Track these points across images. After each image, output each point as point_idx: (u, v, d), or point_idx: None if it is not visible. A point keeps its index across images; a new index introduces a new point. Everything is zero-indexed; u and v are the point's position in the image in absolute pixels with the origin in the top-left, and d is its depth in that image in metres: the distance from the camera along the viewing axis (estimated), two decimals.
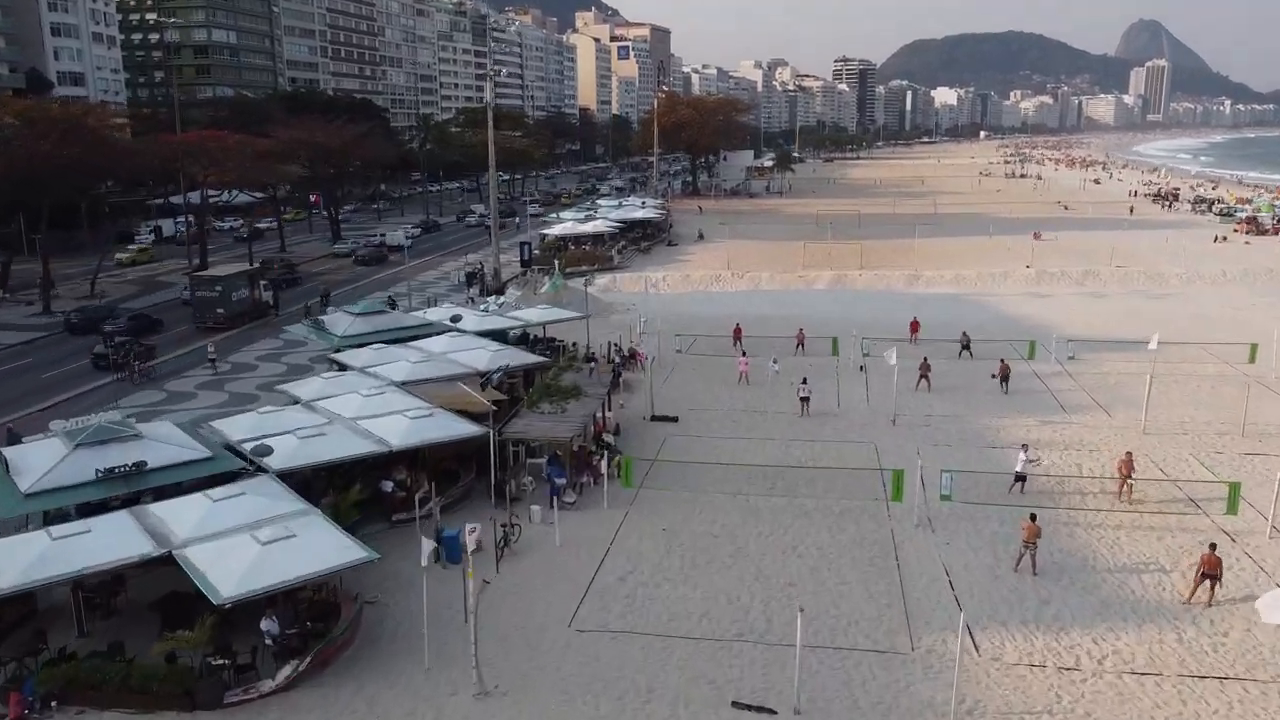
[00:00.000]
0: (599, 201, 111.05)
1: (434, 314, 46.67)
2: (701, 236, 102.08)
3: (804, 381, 39.84)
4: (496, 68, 69.90)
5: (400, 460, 29.24)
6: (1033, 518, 24.70)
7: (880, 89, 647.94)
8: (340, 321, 42.75)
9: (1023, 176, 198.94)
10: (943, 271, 76.94)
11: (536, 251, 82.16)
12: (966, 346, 47.79)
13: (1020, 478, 29.73)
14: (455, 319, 43.53)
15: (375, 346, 39.00)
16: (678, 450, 34.59)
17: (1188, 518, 28.02)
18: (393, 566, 24.22)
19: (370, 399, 31.43)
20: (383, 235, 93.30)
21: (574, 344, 48.91)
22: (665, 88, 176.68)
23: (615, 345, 47.70)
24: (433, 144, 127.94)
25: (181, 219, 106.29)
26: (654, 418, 38.16)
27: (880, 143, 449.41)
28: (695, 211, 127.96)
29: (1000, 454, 33.41)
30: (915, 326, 51.47)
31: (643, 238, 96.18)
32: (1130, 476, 28.97)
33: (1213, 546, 23.22)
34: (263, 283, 60.55)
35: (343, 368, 37.41)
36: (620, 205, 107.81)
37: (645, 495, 30.00)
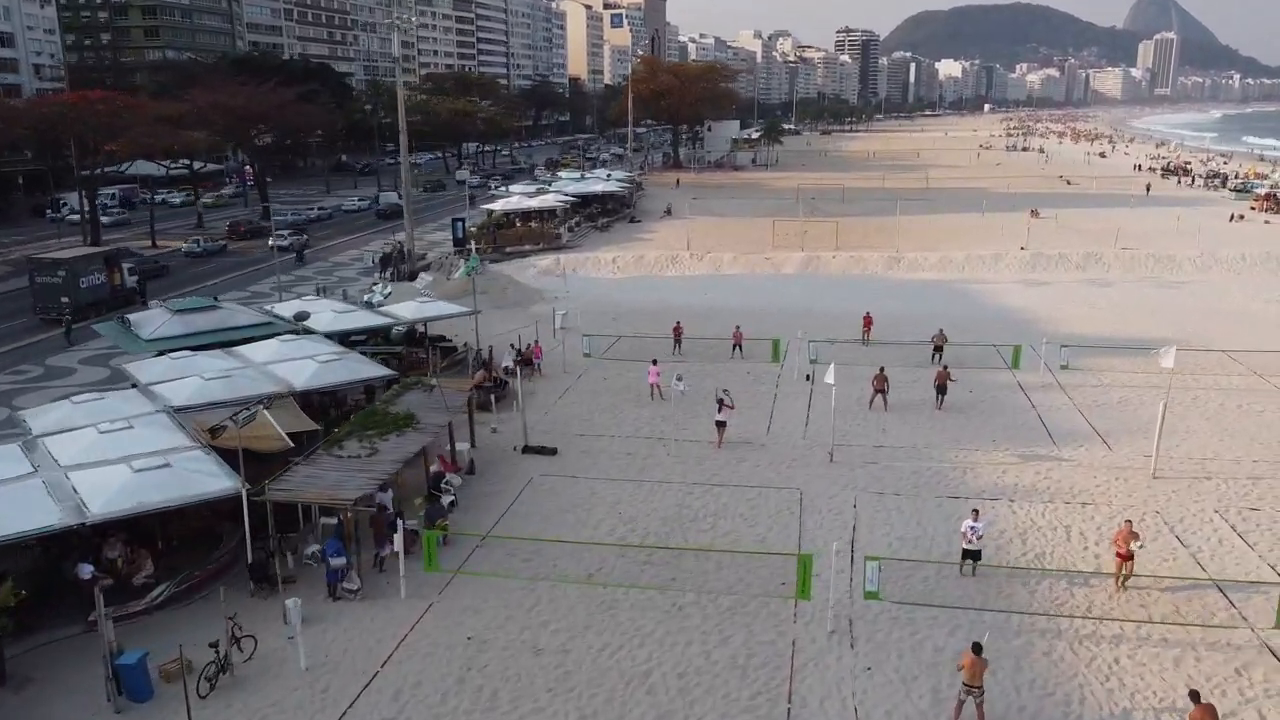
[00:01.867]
0: (560, 174, 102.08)
1: (286, 309, 38.26)
2: (669, 212, 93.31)
3: (720, 401, 31.49)
4: (406, 17, 59.68)
5: (117, 530, 21.03)
6: (976, 649, 16.43)
7: (883, 61, 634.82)
8: (151, 321, 34.39)
9: (1025, 150, 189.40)
10: (927, 254, 68.26)
11: (473, 229, 73.53)
12: (939, 350, 39.36)
13: (970, 554, 21.51)
14: (300, 316, 35.13)
15: (178, 355, 30.65)
16: (541, 499, 26.33)
17: (1217, 630, 19.63)
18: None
19: (107, 436, 23.16)
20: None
21: (464, 345, 40.59)
22: (641, 53, 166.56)
23: (514, 346, 39.31)
24: (386, 111, 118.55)
25: (112, 191, 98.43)
26: (527, 449, 29.84)
27: (881, 115, 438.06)
28: (672, 185, 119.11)
29: (965, 508, 25.12)
30: (868, 322, 43.00)
31: (602, 214, 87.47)
32: (1130, 556, 20.65)
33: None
34: (126, 266, 52.11)
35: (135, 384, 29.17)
36: (583, 178, 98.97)
37: (463, 579, 21.72)
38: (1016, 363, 37.64)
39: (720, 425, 31.01)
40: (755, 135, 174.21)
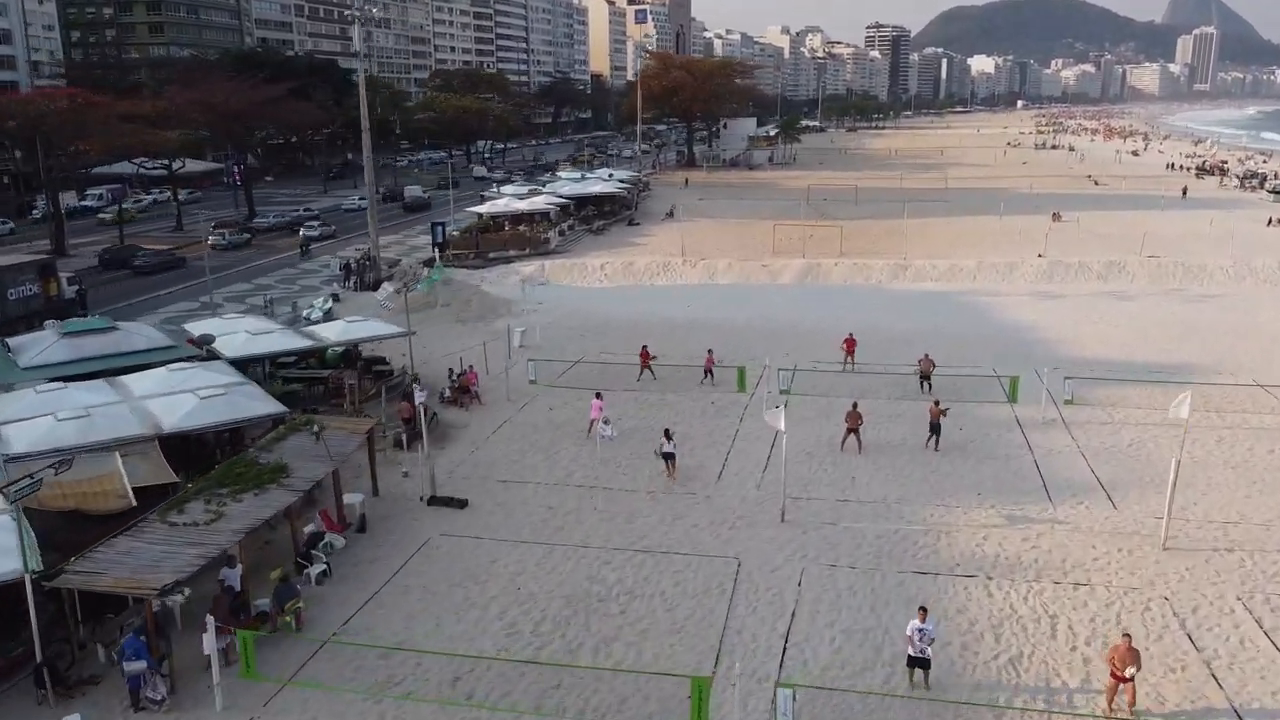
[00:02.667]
0: (559, 174, 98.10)
1: (200, 328, 34.51)
2: (671, 214, 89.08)
3: (668, 435, 27.50)
4: (366, 8, 55.76)
5: None
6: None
7: (914, 57, 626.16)
8: (36, 344, 30.76)
9: (1054, 148, 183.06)
10: (936, 261, 63.59)
11: (455, 234, 69.71)
12: (926, 378, 34.95)
13: (918, 663, 17.29)
14: (205, 340, 31.42)
15: (46, 388, 26.96)
16: (431, 568, 22.33)
17: None
18: None
19: None
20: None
21: (402, 368, 36.66)
22: (649, 49, 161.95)
23: (451, 371, 35.32)
24: (384, 108, 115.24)
25: (100, 190, 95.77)
26: (434, 500, 25.85)
27: (910, 112, 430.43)
28: (680, 185, 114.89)
29: (931, 588, 20.87)
30: (851, 345, 38.56)
31: (598, 216, 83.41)
32: (1129, 678, 16.31)
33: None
34: (65, 276, 48.73)
35: None
36: (583, 178, 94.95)
37: (295, 689, 17.72)
38: (1015, 395, 33.08)
39: (669, 458, 27.10)
40: (772, 133, 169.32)
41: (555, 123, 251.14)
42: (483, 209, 72.52)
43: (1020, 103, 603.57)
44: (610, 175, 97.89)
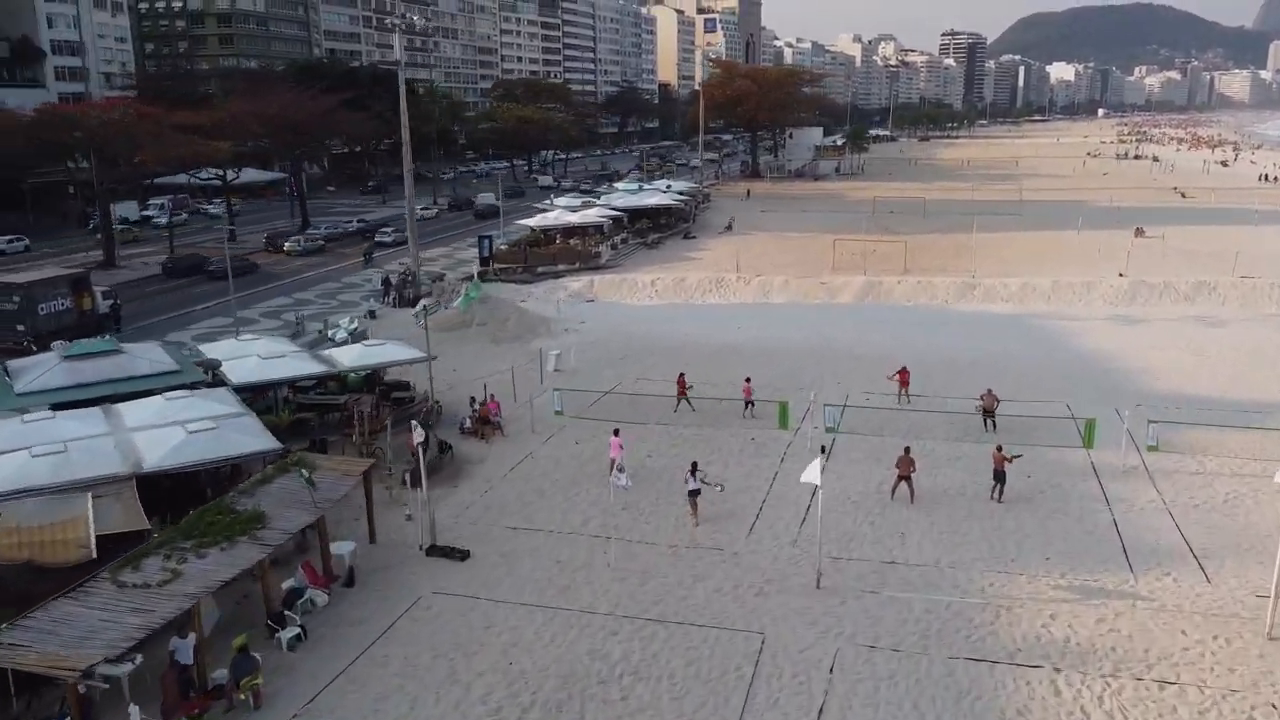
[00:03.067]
0: (616, 185, 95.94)
1: (220, 349, 32.82)
2: (730, 228, 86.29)
3: (694, 466, 24.98)
4: (408, 17, 54.41)
5: None
6: None
7: (990, 64, 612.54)
8: (35, 368, 29.28)
9: (1137, 158, 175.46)
10: (1008, 280, 59.72)
11: (503, 247, 67.84)
12: (990, 415, 31.64)
13: None
14: (211, 366, 29.69)
15: (34, 416, 25.36)
16: (418, 634, 19.90)
17: None
18: None
19: None
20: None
21: (424, 395, 34.51)
22: (712, 58, 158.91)
23: (473, 400, 33.05)
24: (444, 119, 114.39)
25: (163, 201, 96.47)
26: (433, 549, 23.53)
27: (985, 121, 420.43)
28: (742, 196, 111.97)
29: (987, 679, 17.83)
30: (905, 378, 35.32)
31: (654, 229, 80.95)
32: None
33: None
34: (100, 290, 47.91)
35: None
36: (640, 190, 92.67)
37: None
38: (1091, 440, 29.52)
39: (693, 495, 24.55)
40: (839, 142, 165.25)
41: (621, 132, 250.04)
42: (532, 222, 70.58)
43: (1101, 111, 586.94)
44: (668, 187, 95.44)
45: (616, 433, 28.20)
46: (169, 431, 24.14)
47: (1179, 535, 23.95)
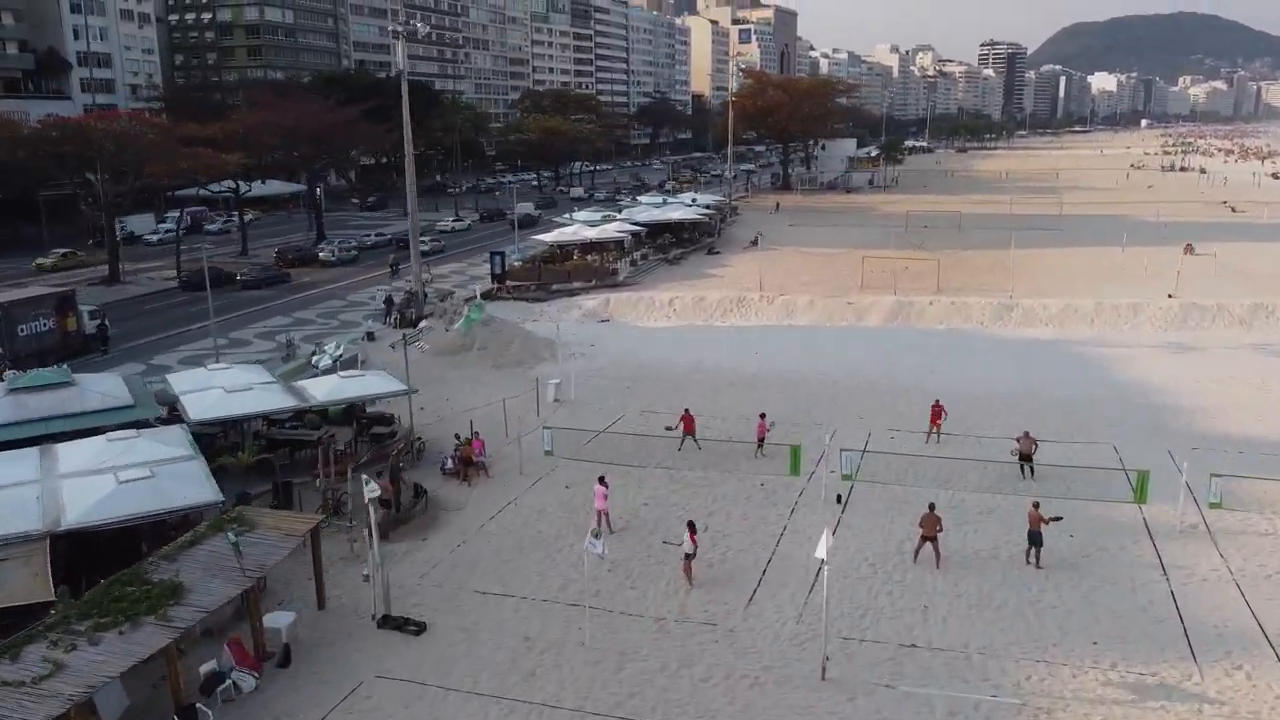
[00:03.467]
0: (640, 199, 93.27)
1: (204, 377, 30.31)
2: (756, 242, 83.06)
3: (691, 531, 22.03)
4: (411, 24, 52.14)
5: None
6: None
7: (1030, 74, 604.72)
8: None
9: (1183, 169, 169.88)
10: (1047, 301, 56.15)
11: (518, 263, 65.27)
12: (1027, 461, 28.34)
13: None
14: (163, 399, 27.21)
15: None
16: None
17: None
18: None
19: None
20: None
21: (408, 430, 31.79)
22: (743, 68, 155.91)
23: (457, 437, 30.26)
24: (466, 130, 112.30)
25: (180, 213, 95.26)
26: (385, 621, 20.70)
27: (1024, 132, 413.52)
28: (771, 209, 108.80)
29: None
30: (937, 415, 32.05)
31: (676, 244, 78.05)
32: None
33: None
34: (86, 310, 45.86)
35: None
36: (665, 203, 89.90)
37: None
38: (1143, 494, 26.08)
39: (688, 558, 21.65)
40: (873, 153, 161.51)
41: (653, 143, 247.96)
42: (549, 237, 67.91)
43: (1144, 122, 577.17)
44: (693, 200, 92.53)
45: (602, 480, 25.23)
46: (100, 480, 21.60)
47: (1250, 615, 20.57)
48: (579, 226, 71.30)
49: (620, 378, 40.78)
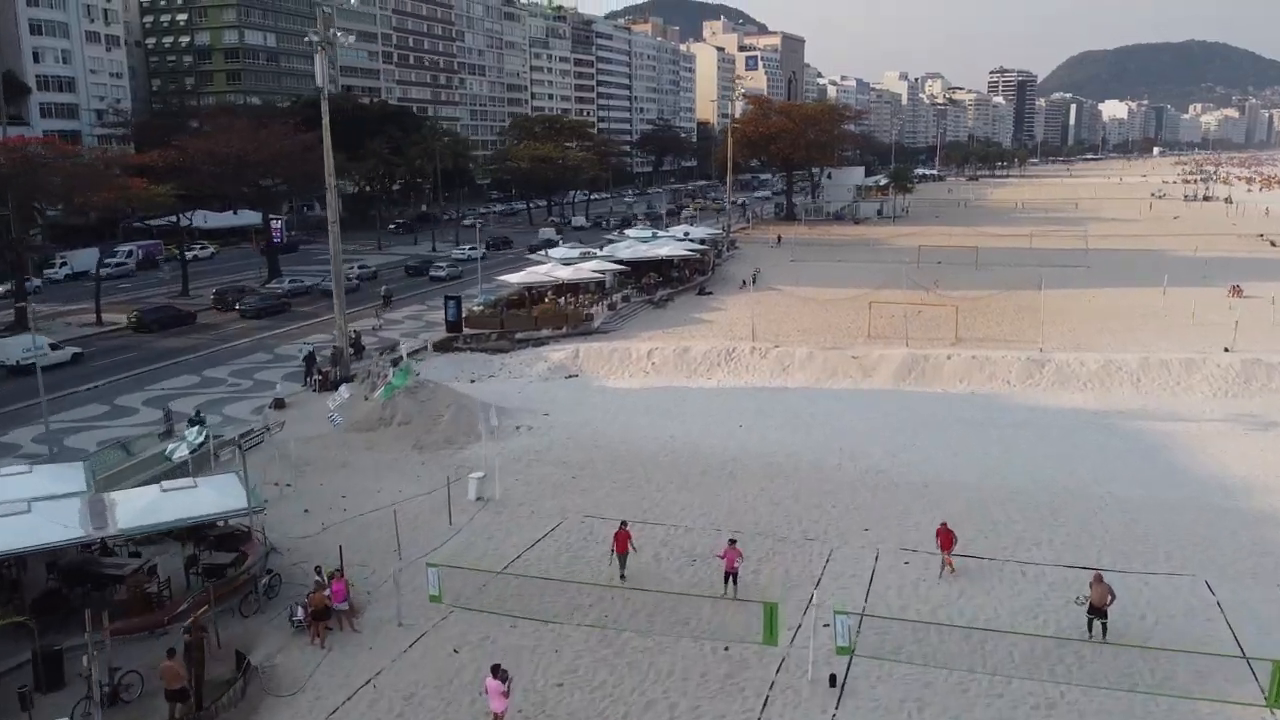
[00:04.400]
0: (627, 232, 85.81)
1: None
2: (753, 281, 75.61)
3: None
4: (332, 32, 44.75)
5: None
6: None
7: (1040, 102, 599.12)
8: None
9: (1207, 199, 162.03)
10: (1083, 356, 48.32)
11: (478, 308, 57.74)
12: (1098, 614, 20.35)
13: None
14: None
15: None
16: None
17: None
18: None
19: None
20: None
21: (262, 558, 23.98)
22: (744, 93, 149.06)
23: (319, 570, 22.43)
24: (445, 156, 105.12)
25: (133, 248, 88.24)
26: None
27: (1036, 159, 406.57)
28: (772, 242, 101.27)
29: None
30: (946, 540, 24.02)
31: (664, 283, 70.47)
32: None
33: None
34: None
35: None
36: (654, 236, 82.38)
37: None
38: (1277, 698, 18.01)
39: None
40: (882, 182, 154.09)
41: (656, 171, 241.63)
42: (517, 278, 60.25)
43: (1156, 149, 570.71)
44: (686, 234, 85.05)
45: (498, 672, 17.27)
46: None
47: None
48: (553, 265, 63.71)
49: (568, 463, 32.98)
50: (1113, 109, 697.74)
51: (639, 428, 37.23)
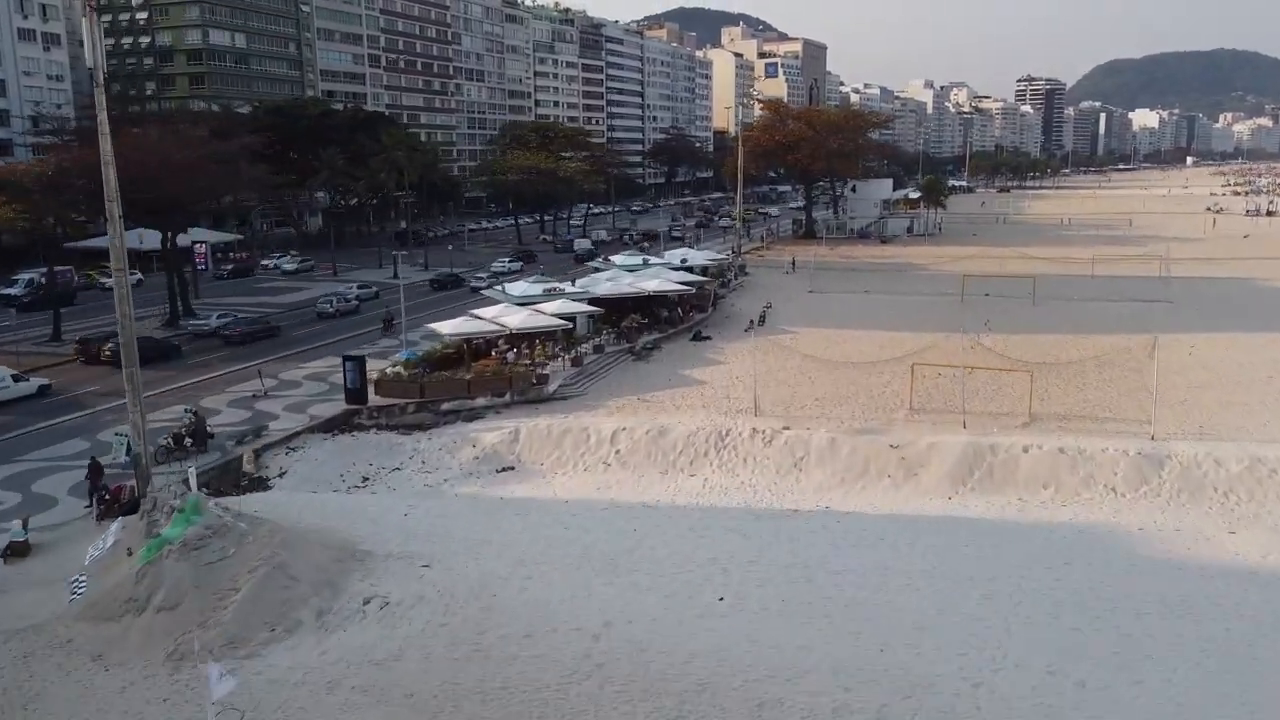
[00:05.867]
0: (613, 259, 72.10)
1: None
2: (763, 320, 61.94)
3: None
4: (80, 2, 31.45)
5: None
6: None
7: (1069, 111, 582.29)
8: None
9: (1270, 214, 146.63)
10: (1213, 448, 34.45)
11: (393, 370, 44.12)
12: None
13: None
14: None
15: None
16: None
17: None
18: None
19: None
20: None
21: None
22: (758, 98, 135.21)
23: None
24: (409, 166, 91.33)
25: (30, 276, 75.15)
26: None
27: (1068, 169, 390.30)
28: (787, 266, 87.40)
29: None
30: None
31: (648, 325, 56.80)
32: None
33: None
34: None
35: None
36: (645, 264, 68.72)
37: None
38: None
39: None
40: (913, 195, 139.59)
41: (669, 182, 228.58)
42: (448, 327, 46.39)
43: (1190, 159, 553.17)
44: (684, 260, 71.33)
45: None
46: None
47: None
48: (504, 308, 50.12)
49: (417, 699, 19.17)
50: (1143, 118, 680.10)
51: (562, 598, 23.43)
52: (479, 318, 48.36)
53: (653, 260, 70.81)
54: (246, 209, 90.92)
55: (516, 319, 47.07)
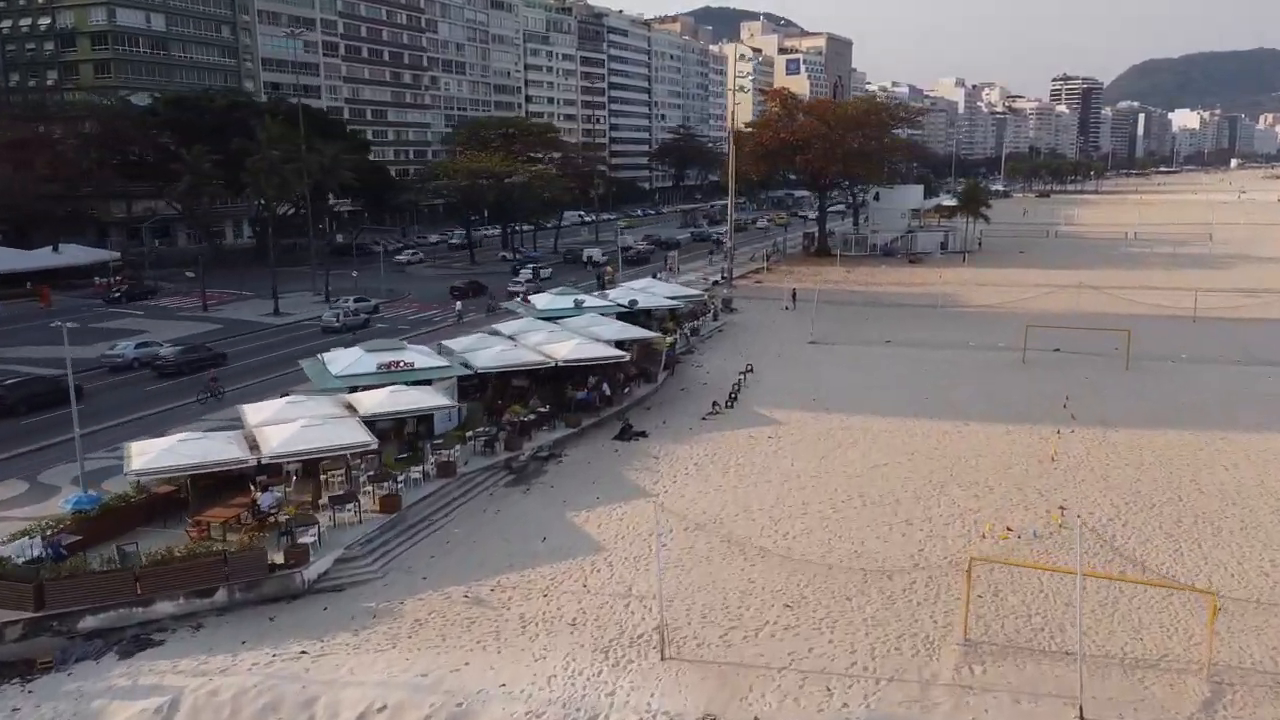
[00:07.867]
0: (533, 299, 51.99)
1: None
2: (734, 397, 41.89)
3: None
4: None
5: None
6: None
7: (1106, 111, 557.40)
8: None
9: None
10: None
11: (20, 539, 24.48)
12: None
13: None
14: None
15: None
16: None
17: None
18: None
19: None
20: None
21: None
22: (762, 89, 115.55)
23: None
24: (321, 167, 71.46)
25: None
26: None
27: (1109, 171, 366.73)
28: (787, 300, 66.81)
29: None
30: None
31: (551, 415, 36.92)
32: None
33: None
34: None
35: None
36: (578, 309, 48.66)
37: None
38: None
39: None
40: (949, 203, 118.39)
41: (678, 186, 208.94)
42: (148, 460, 26.66)
43: (1234, 161, 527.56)
44: (632, 302, 51.09)
45: None
46: None
47: None
48: (284, 405, 30.35)
49: None
50: (1183, 119, 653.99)
51: None
52: (239, 434, 28.60)
53: (593, 300, 50.74)
54: (100, 221, 71.76)
55: (282, 436, 27.21)
